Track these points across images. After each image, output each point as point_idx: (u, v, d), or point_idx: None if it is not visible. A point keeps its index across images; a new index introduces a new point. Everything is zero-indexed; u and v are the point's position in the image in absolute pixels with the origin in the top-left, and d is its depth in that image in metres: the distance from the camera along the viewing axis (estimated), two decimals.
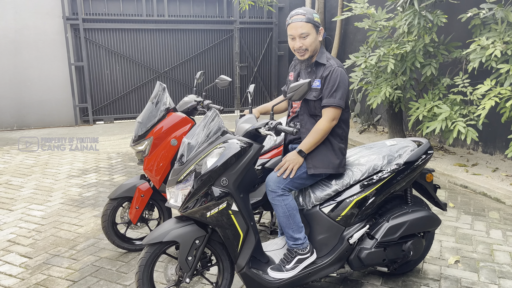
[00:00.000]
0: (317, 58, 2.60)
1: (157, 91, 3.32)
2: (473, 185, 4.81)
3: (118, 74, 9.19)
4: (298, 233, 2.59)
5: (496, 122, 5.17)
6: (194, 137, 2.45)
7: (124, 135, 8.01)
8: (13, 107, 8.54)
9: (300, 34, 2.51)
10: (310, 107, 2.60)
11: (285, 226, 2.58)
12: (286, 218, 2.56)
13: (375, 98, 5.57)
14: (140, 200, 3.26)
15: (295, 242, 2.59)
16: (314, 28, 2.53)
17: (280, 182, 2.54)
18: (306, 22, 2.50)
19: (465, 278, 3.01)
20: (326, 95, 2.51)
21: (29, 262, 3.31)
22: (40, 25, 8.45)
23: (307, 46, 2.54)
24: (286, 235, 2.62)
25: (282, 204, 2.55)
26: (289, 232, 2.59)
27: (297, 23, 2.51)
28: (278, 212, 2.57)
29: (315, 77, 2.59)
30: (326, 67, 2.55)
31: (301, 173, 2.57)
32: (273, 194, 2.54)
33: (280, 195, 2.54)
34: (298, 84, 2.29)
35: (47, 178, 5.43)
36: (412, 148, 2.84)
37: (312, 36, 2.53)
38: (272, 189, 2.54)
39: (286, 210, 2.55)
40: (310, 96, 2.58)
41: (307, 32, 2.51)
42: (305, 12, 2.53)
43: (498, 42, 4.41)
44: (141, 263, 2.38)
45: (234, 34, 9.78)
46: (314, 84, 2.58)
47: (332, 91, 2.49)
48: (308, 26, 2.51)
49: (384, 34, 5.88)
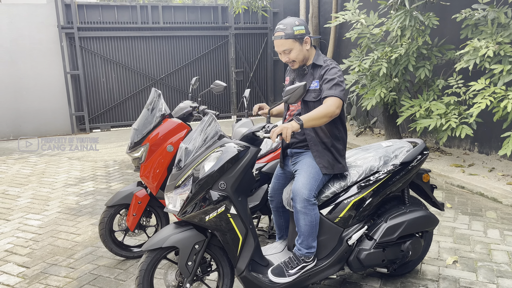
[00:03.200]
0: (314, 60, 2.61)
1: (153, 97, 3.33)
2: (470, 185, 4.83)
3: (114, 82, 9.20)
4: (315, 241, 2.59)
5: (491, 122, 5.19)
6: (191, 142, 2.46)
7: (121, 142, 8.00)
8: (9, 117, 8.53)
9: (283, 51, 2.54)
10: (310, 108, 2.59)
11: (307, 234, 2.55)
12: (312, 227, 2.54)
13: (370, 100, 5.60)
14: (138, 207, 3.25)
15: (309, 250, 2.58)
16: (297, 41, 2.52)
17: (311, 189, 2.52)
18: (286, 38, 2.50)
19: (463, 278, 3.01)
20: (326, 89, 2.48)
21: (26, 271, 3.29)
22: (35, 35, 8.46)
23: (293, 59, 2.56)
24: (302, 243, 2.58)
25: (312, 213, 2.53)
26: (308, 241, 2.57)
27: (278, 41, 2.53)
28: (306, 221, 2.52)
29: (313, 78, 2.60)
30: (323, 67, 2.57)
31: (321, 176, 2.58)
32: (307, 203, 2.50)
33: (313, 203, 2.53)
34: (294, 87, 2.30)
35: (44, 187, 5.41)
36: (407, 149, 2.86)
37: (296, 49, 2.54)
38: (307, 197, 2.50)
39: (314, 219, 2.54)
40: (310, 98, 2.58)
41: (289, 48, 2.52)
42: (285, 28, 2.51)
43: (490, 43, 4.45)
44: (142, 268, 2.37)
45: (229, 39, 9.81)
46: (312, 85, 2.58)
47: (332, 84, 2.48)
48: (288, 42, 2.51)
49: (377, 38, 5.93)
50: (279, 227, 2.99)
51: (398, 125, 6.10)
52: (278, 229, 3.00)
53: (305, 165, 2.61)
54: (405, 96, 5.69)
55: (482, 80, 4.55)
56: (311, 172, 2.57)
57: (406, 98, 5.63)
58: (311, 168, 2.58)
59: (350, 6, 6.00)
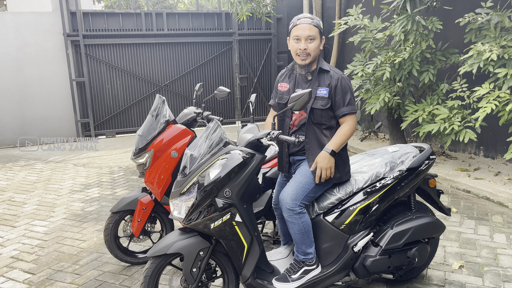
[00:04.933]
0: (320, 65, 2.58)
1: (157, 104, 3.35)
2: (476, 190, 4.80)
3: (119, 88, 9.26)
4: (310, 248, 2.59)
5: (496, 126, 5.17)
6: (197, 149, 2.45)
7: (125, 149, 8.03)
8: (16, 124, 8.59)
9: (307, 36, 2.49)
10: (316, 116, 2.56)
11: (299, 242, 2.57)
12: (302, 235, 2.55)
13: (374, 104, 5.60)
14: (142, 213, 3.26)
15: (305, 256, 2.59)
16: (320, 34, 2.53)
17: (296, 199, 2.52)
18: (315, 26, 2.50)
19: (469, 283, 2.99)
20: (343, 104, 2.51)
21: (32, 278, 3.30)
22: (41, 42, 8.54)
23: (310, 51, 2.51)
24: (297, 250, 2.61)
25: (299, 222, 2.54)
26: (302, 248, 2.59)
27: (306, 25, 2.49)
28: (294, 230, 2.55)
29: (318, 85, 2.55)
30: (331, 75, 2.53)
31: (312, 185, 2.56)
32: (291, 212, 2.52)
33: (298, 213, 2.53)
34: (299, 94, 2.27)
35: (50, 193, 5.44)
36: (414, 154, 2.83)
37: (317, 42, 2.52)
38: (290, 207, 2.52)
39: (303, 228, 2.54)
40: (317, 105, 2.54)
41: (314, 36, 2.50)
42: (313, 17, 2.53)
43: (494, 47, 4.44)
44: (146, 274, 2.38)
45: (233, 46, 9.86)
46: (320, 92, 2.54)
47: (347, 99, 2.51)
48: (315, 30, 2.50)
49: (380, 43, 5.93)
50: (284, 233, 2.98)
51: (403, 129, 6.09)
52: (283, 235, 2.99)
53: (298, 174, 2.61)
54: (409, 101, 5.68)
55: (486, 85, 4.54)
56: (301, 181, 2.56)
57: (410, 102, 5.62)
58: (303, 177, 2.57)
59: (353, 12, 6.02)
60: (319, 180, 2.50)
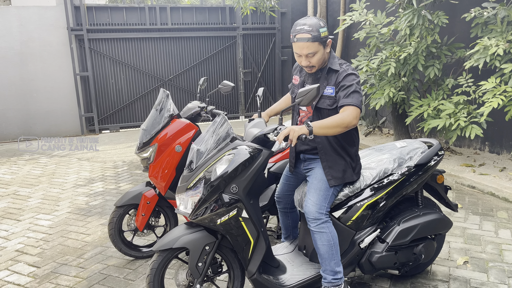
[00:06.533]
0: (329, 65, 2.45)
1: (161, 98, 3.34)
2: (481, 185, 4.77)
3: (123, 83, 9.25)
4: (339, 265, 2.49)
5: (502, 121, 5.13)
6: (203, 144, 2.43)
7: (130, 143, 8.05)
8: (20, 118, 8.62)
9: (306, 54, 2.36)
10: (323, 115, 2.48)
11: (327, 257, 2.46)
12: (330, 248, 2.45)
13: (378, 99, 5.57)
14: (146, 207, 3.27)
15: (335, 276, 2.49)
16: (321, 44, 2.35)
17: (321, 208, 2.45)
18: (313, 41, 2.31)
19: (474, 279, 2.98)
20: (342, 97, 2.35)
21: (37, 271, 3.32)
22: (45, 37, 8.54)
23: (314, 63, 2.41)
24: (325, 271, 2.51)
25: (327, 232, 2.46)
26: (331, 265, 2.47)
27: (303, 44, 2.32)
28: (322, 241, 2.45)
29: (327, 83, 2.45)
30: (340, 72, 2.41)
31: (329, 189, 2.50)
32: (318, 222, 2.45)
33: (325, 221, 2.46)
34: (307, 89, 2.21)
35: (54, 187, 5.46)
36: (422, 150, 2.80)
37: (320, 53, 2.37)
38: (315, 216, 2.44)
39: (331, 238, 2.45)
40: (323, 104, 2.45)
41: (314, 51, 2.35)
42: (311, 29, 2.31)
43: (501, 41, 4.40)
44: (152, 267, 2.38)
45: (237, 40, 9.82)
46: (327, 91, 2.44)
47: (349, 92, 2.34)
48: (314, 46, 2.33)
49: (385, 38, 5.89)
50: (285, 227, 2.96)
51: (407, 125, 6.06)
52: (284, 230, 2.98)
53: (315, 180, 2.53)
54: (414, 96, 5.65)
55: (492, 79, 4.50)
56: (321, 187, 2.49)
57: (415, 97, 5.59)
58: (321, 182, 2.51)
59: (357, 7, 5.96)
60: (281, 139, 2.20)
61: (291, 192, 2.85)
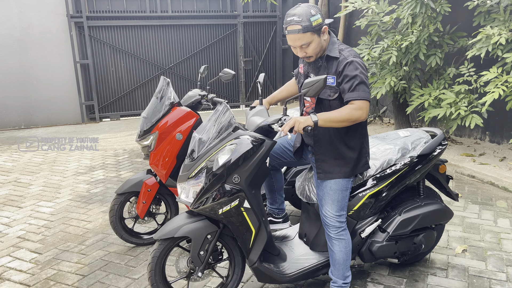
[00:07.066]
0: (327, 52, 2.32)
1: (161, 85, 3.33)
2: (481, 175, 4.78)
3: (123, 71, 9.22)
4: (348, 270, 2.52)
5: (503, 111, 5.12)
6: (205, 133, 2.41)
7: (130, 131, 8.05)
8: (20, 106, 8.61)
9: (300, 46, 2.26)
10: (325, 106, 2.38)
11: (341, 263, 2.46)
12: (346, 254, 2.46)
13: (379, 89, 5.55)
14: (147, 194, 3.28)
15: (345, 280, 2.51)
16: (315, 33, 2.23)
17: (341, 217, 2.43)
18: (304, 32, 2.19)
19: (472, 267, 3.00)
20: (348, 90, 2.21)
21: (39, 257, 3.35)
22: (44, 24, 8.49)
23: (310, 53, 2.30)
24: (336, 275, 2.52)
25: (346, 239, 2.45)
26: (343, 270, 2.49)
27: (293, 36, 2.22)
28: (340, 247, 2.44)
29: (327, 72, 2.33)
30: (339, 61, 2.27)
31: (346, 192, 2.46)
32: (338, 230, 2.43)
33: (344, 228, 2.45)
34: (313, 80, 2.11)
35: (55, 175, 5.48)
36: (426, 140, 2.78)
37: (315, 42, 2.25)
38: (337, 226, 2.42)
39: (347, 245, 2.46)
40: (325, 95, 2.35)
41: (307, 42, 2.23)
42: (300, 20, 2.19)
43: (503, 30, 4.37)
44: (154, 255, 2.40)
45: (238, 28, 9.76)
46: (328, 81, 2.30)
47: (355, 84, 2.20)
48: (306, 36, 2.21)
49: (387, 26, 5.85)
50: (270, 189, 2.89)
51: (408, 114, 6.05)
52: (269, 193, 2.91)
53: (331, 191, 2.43)
54: (415, 85, 5.63)
55: (494, 69, 4.48)
56: (338, 199, 2.43)
57: (416, 86, 5.57)
58: (337, 193, 2.43)
59: None
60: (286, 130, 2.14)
61: (285, 160, 2.80)
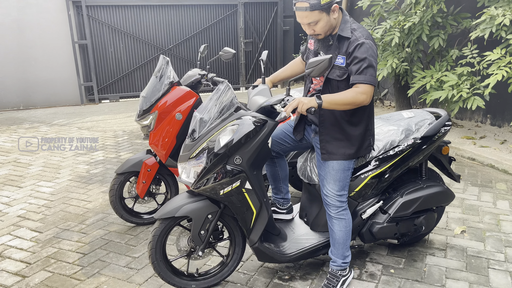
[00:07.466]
0: (339, 31, 2.27)
1: (161, 64, 3.29)
2: (481, 157, 4.78)
3: (122, 52, 9.12)
4: (348, 250, 2.53)
5: (505, 94, 5.09)
6: (206, 112, 2.37)
7: (129, 113, 8.01)
8: (19, 87, 8.54)
9: (308, 23, 2.23)
10: (333, 87, 2.33)
11: (341, 242, 2.47)
12: (346, 234, 2.47)
13: (381, 70, 5.50)
14: (147, 174, 3.28)
15: (344, 260, 2.52)
16: (324, 11, 2.18)
17: (342, 197, 2.43)
18: (311, 10, 2.16)
19: (471, 248, 3.02)
20: (355, 72, 2.19)
21: (39, 236, 3.36)
22: (42, 3, 8.36)
23: (319, 31, 2.26)
24: (336, 254, 2.53)
25: (347, 218, 2.46)
26: (343, 250, 2.50)
27: (302, 13, 2.19)
28: (340, 227, 2.45)
29: (338, 52, 2.28)
30: (351, 41, 2.22)
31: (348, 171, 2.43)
32: (339, 209, 2.44)
33: (345, 208, 2.46)
34: (318, 59, 2.07)
35: (55, 156, 5.47)
36: (430, 121, 2.75)
37: (323, 21, 2.21)
38: (337, 205, 2.43)
39: (348, 224, 2.46)
40: (333, 75, 2.30)
41: (315, 20, 2.20)
42: None
43: (508, 11, 4.30)
44: (155, 234, 2.40)
45: (238, 9, 9.62)
46: (337, 61, 2.27)
47: (363, 67, 2.17)
48: (314, 14, 2.18)
49: (390, 6, 5.76)
50: (274, 178, 2.83)
51: (409, 97, 6.01)
52: (273, 181, 2.85)
53: (333, 171, 2.42)
54: (417, 67, 5.58)
55: (497, 50, 4.43)
56: (340, 178, 2.42)
57: (418, 68, 5.51)
58: (339, 173, 2.41)
59: None
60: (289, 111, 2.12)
61: (288, 145, 2.71)
